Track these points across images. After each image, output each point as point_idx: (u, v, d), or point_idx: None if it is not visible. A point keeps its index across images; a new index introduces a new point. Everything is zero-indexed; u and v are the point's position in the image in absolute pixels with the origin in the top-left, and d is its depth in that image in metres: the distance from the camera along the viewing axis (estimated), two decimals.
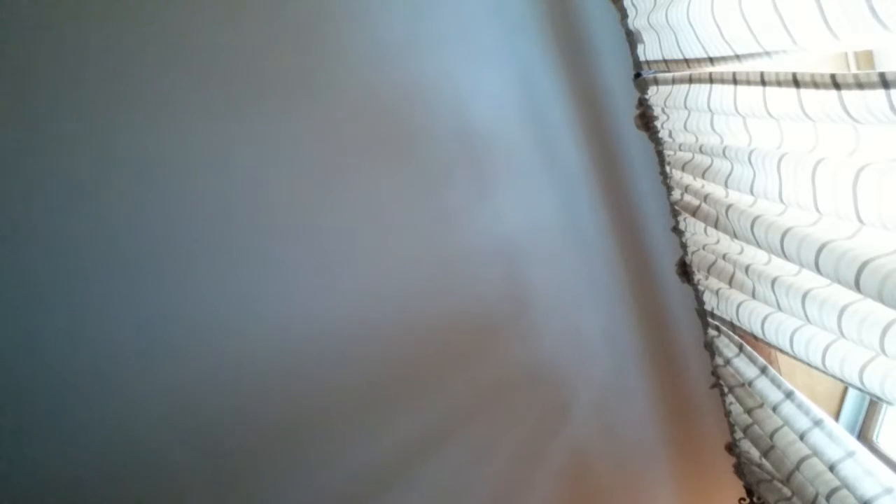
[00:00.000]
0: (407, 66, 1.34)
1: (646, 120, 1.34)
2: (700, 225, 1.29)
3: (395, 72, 1.33)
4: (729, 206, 1.10)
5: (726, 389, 1.43)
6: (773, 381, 1.27)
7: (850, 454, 1.11)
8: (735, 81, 0.98)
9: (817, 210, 0.88)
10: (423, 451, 1.52)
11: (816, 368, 1.05)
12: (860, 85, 0.72)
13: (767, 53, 0.89)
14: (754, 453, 1.42)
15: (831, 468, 1.11)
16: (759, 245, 1.04)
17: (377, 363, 1.44)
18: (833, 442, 1.15)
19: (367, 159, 1.35)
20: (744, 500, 1.65)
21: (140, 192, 1.20)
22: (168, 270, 1.24)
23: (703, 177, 1.18)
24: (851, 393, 1.50)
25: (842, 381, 0.99)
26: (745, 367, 1.33)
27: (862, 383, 0.93)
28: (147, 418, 1.28)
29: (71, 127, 1.15)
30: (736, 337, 1.37)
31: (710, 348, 1.47)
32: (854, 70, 1.11)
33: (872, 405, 1.48)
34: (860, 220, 0.80)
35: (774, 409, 1.24)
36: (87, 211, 1.18)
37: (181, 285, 1.26)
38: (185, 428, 1.31)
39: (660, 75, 1.24)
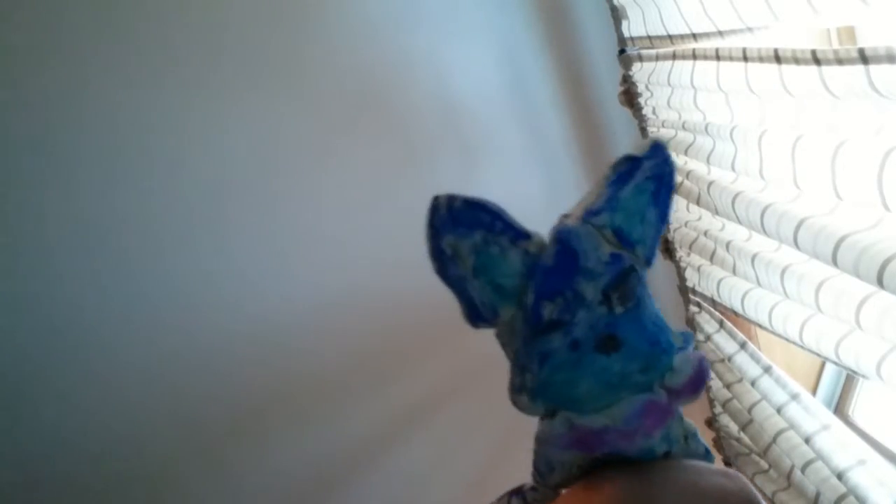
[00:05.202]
0: (389, 42, 1.32)
1: (630, 97, 1.34)
2: (682, 201, 1.30)
3: (377, 47, 1.31)
4: (710, 183, 1.10)
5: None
6: (753, 356, 1.29)
7: (826, 427, 1.13)
8: (718, 57, 0.98)
9: (796, 186, 0.88)
10: (406, 428, 1.53)
11: (794, 343, 1.06)
12: (840, 60, 0.72)
13: (750, 29, 0.89)
14: (733, 427, 1.45)
15: (807, 440, 1.13)
16: (739, 221, 1.04)
17: (360, 340, 1.44)
18: (809, 415, 1.17)
19: (348, 136, 1.33)
20: None
21: (110, 165, 1.18)
22: (138, 246, 1.22)
23: (685, 153, 1.18)
24: (829, 368, 1.52)
25: (819, 355, 1.01)
26: (725, 343, 1.34)
27: (838, 357, 0.95)
28: (120, 398, 1.27)
29: (42, 91, 1.12)
30: (716, 313, 1.38)
31: (692, 325, 1.48)
32: (835, 45, 1.11)
33: (849, 379, 1.50)
34: (838, 196, 0.81)
35: (753, 383, 1.26)
36: (54, 181, 1.15)
37: (151, 263, 1.24)
38: (160, 407, 1.30)
39: (644, 52, 1.24)
